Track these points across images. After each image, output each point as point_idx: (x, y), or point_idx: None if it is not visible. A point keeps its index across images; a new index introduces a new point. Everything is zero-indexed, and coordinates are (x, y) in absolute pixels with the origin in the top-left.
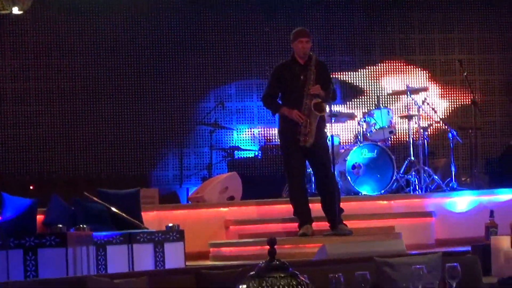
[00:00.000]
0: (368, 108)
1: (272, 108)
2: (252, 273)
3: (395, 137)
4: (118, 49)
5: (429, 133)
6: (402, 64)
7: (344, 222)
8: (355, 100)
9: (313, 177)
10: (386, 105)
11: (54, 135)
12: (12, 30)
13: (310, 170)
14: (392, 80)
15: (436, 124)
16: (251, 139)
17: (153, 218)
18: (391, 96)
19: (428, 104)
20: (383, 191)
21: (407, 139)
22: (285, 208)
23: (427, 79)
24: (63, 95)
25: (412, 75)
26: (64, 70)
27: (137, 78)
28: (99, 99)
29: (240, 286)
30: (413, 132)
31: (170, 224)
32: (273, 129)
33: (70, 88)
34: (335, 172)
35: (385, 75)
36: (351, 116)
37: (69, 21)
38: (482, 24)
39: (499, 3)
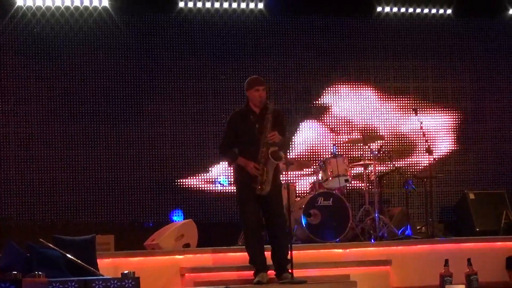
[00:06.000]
0: (324, 156)
1: (229, 158)
2: None
3: (350, 185)
4: (74, 94)
5: (385, 181)
6: (357, 112)
7: (298, 269)
8: (311, 148)
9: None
10: (342, 153)
11: (9, 181)
12: None
13: None
14: (348, 128)
15: (391, 173)
16: (207, 185)
17: (109, 265)
18: (347, 144)
19: (383, 152)
20: (338, 239)
21: (363, 187)
22: (241, 256)
23: (383, 127)
24: (18, 140)
25: (368, 123)
26: (20, 115)
27: (91, 124)
28: (55, 144)
29: None
30: (369, 180)
31: (126, 271)
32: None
33: (25, 133)
34: (291, 220)
35: (340, 123)
36: (307, 164)
37: (25, 66)
38: (436, 73)
39: (453, 52)
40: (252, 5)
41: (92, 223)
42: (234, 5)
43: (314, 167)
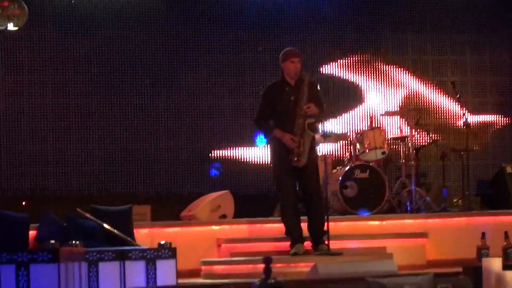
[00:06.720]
0: (361, 128)
1: (265, 130)
2: None
3: (387, 157)
4: (111, 65)
5: (422, 154)
6: (395, 85)
7: (334, 241)
8: (348, 120)
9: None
10: (379, 125)
11: (47, 151)
12: (7, 46)
13: None
14: (386, 100)
15: (428, 145)
16: (244, 157)
17: (145, 235)
18: (384, 117)
19: (421, 125)
20: (375, 211)
21: (400, 160)
22: (277, 227)
23: (421, 100)
24: (56, 111)
25: (406, 96)
26: (58, 87)
27: (129, 95)
28: (93, 115)
29: None
30: (406, 153)
31: (162, 242)
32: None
33: (63, 104)
34: (327, 192)
35: (378, 95)
36: (344, 137)
37: (63, 37)
38: (475, 46)
39: (492, 25)
40: None
41: (129, 193)
42: None
43: (351, 139)
